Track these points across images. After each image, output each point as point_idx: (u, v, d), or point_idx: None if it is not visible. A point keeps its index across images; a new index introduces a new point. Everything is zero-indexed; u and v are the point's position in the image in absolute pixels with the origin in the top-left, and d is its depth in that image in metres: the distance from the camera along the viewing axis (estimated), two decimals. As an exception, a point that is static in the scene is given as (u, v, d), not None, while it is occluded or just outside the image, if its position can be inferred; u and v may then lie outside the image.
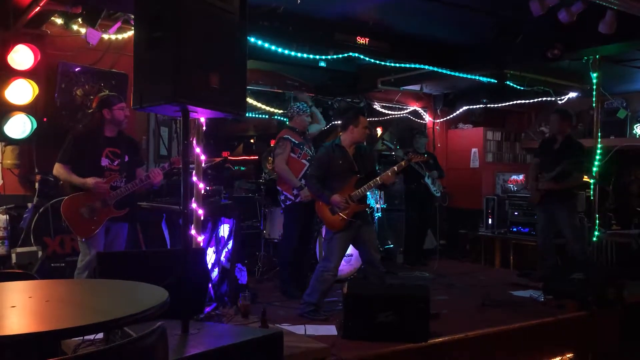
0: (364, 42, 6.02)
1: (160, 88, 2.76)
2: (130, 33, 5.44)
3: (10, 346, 1.60)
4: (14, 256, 4.71)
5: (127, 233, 4.46)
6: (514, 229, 7.45)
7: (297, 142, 5.43)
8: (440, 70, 6.78)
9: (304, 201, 5.31)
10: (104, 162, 4.24)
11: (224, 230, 4.89)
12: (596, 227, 6.29)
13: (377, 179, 4.62)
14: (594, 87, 6.40)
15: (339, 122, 5.02)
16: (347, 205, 4.52)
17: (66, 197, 4.14)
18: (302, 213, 5.39)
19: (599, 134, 6.41)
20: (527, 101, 8.48)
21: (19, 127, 4.84)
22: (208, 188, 4.80)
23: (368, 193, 4.78)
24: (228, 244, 4.90)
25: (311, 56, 6.12)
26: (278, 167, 5.36)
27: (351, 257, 5.99)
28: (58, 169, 4.21)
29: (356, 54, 6.08)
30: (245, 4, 3.07)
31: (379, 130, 9.97)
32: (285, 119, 8.38)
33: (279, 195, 5.52)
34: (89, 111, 5.16)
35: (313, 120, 5.76)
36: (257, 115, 8.66)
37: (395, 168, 4.64)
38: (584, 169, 5.89)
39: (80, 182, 4.13)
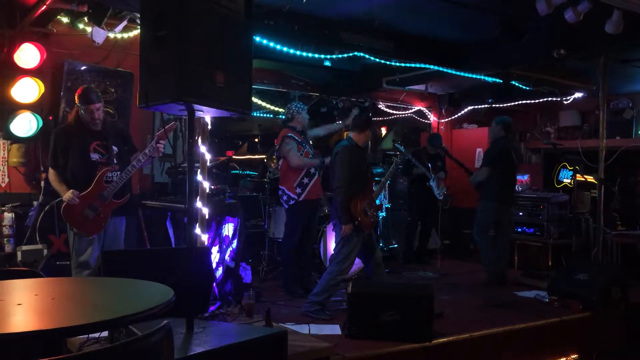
0: (369, 41, 6.01)
1: (165, 87, 2.76)
2: (136, 32, 5.45)
3: (17, 343, 1.61)
4: (19, 254, 4.74)
5: (125, 228, 4.38)
6: (519, 229, 7.42)
7: (299, 140, 5.44)
8: (445, 70, 6.76)
9: (307, 199, 5.33)
10: (94, 156, 4.14)
11: (228, 229, 4.90)
12: (601, 227, 6.26)
13: (385, 177, 4.77)
14: (600, 87, 6.38)
15: (352, 122, 5.02)
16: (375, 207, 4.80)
17: (63, 205, 4.06)
18: (305, 212, 5.40)
19: (605, 134, 6.38)
20: (533, 101, 8.45)
21: (25, 125, 4.86)
22: (213, 187, 4.81)
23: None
24: (232, 243, 4.91)
25: (316, 55, 6.12)
26: (295, 161, 5.34)
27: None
28: (49, 175, 4.18)
29: (361, 54, 6.07)
30: (250, 2, 3.07)
31: (384, 130, 9.97)
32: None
33: (281, 195, 5.51)
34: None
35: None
36: (261, 115, 8.68)
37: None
38: (485, 164, 6.19)
39: (60, 191, 4.10)
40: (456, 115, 9.15)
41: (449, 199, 7.56)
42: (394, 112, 8.89)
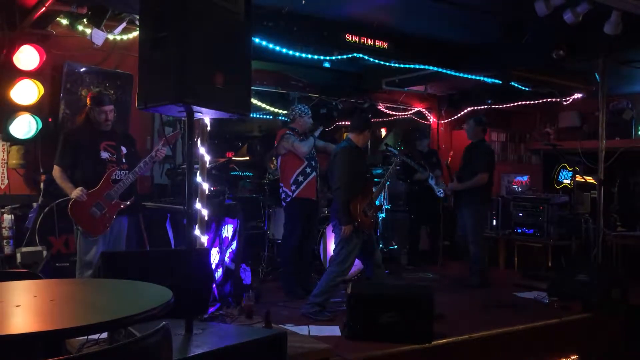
0: (368, 42, 6.01)
1: (164, 88, 2.76)
2: (135, 33, 5.45)
3: (15, 345, 1.61)
4: (18, 256, 4.73)
5: (127, 227, 4.44)
6: (519, 230, 7.42)
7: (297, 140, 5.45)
8: (444, 71, 6.76)
9: (301, 197, 5.35)
10: (104, 155, 4.25)
11: (227, 230, 4.90)
12: (601, 228, 6.25)
13: (384, 179, 4.90)
14: (599, 88, 6.37)
15: (351, 123, 5.03)
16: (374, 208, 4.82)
17: (70, 202, 4.13)
18: (303, 210, 5.41)
19: (604, 135, 6.37)
20: (532, 102, 8.44)
21: (24, 127, 4.86)
22: (212, 188, 4.81)
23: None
24: (232, 244, 4.91)
25: (316, 57, 6.12)
26: (302, 150, 5.36)
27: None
28: (54, 172, 4.25)
29: (360, 55, 6.07)
30: (250, 4, 3.07)
31: (383, 131, 9.97)
32: (288, 119, 8.39)
33: (280, 193, 5.56)
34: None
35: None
36: (261, 116, 8.68)
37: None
38: (485, 169, 6.08)
39: (67, 189, 4.16)
40: (456, 117, 9.15)
41: (451, 198, 7.54)
42: (394, 113, 8.89)
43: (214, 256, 4.69)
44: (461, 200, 6.21)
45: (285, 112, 8.22)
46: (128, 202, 4.28)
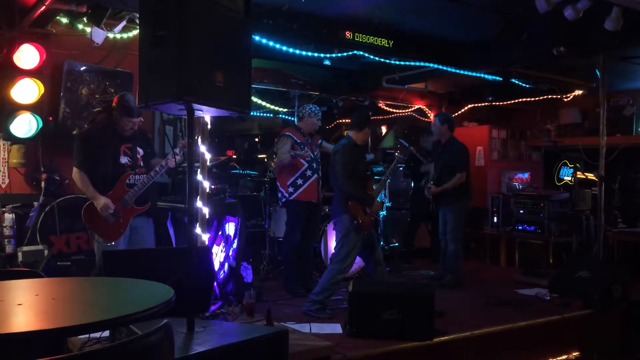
0: (368, 40, 6.01)
1: (165, 86, 2.76)
2: (135, 32, 5.45)
3: (17, 343, 1.61)
4: (20, 255, 4.73)
5: (153, 228, 4.31)
6: (520, 227, 7.42)
7: (299, 141, 5.44)
8: (445, 68, 6.75)
9: (299, 199, 5.36)
10: (123, 159, 4.13)
11: (230, 228, 4.90)
12: (602, 224, 6.25)
13: (385, 176, 4.96)
14: (600, 84, 6.36)
15: (351, 120, 5.02)
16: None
17: (84, 206, 4.01)
18: (301, 210, 5.41)
19: (605, 131, 6.36)
20: (533, 99, 8.43)
21: (25, 126, 4.85)
22: (213, 186, 4.81)
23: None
24: (233, 242, 4.91)
25: (315, 54, 6.12)
26: (278, 160, 5.42)
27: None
28: (74, 175, 4.06)
29: (360, 52, 6.07)
30: (249, 2, 3.07)
31: (384, 129, 9.97)
32: (288, 117, 8.41)
33: (278, 191, 5.57)
34: (95, 110, 5.17)
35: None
36: (261, 114, 8.69)
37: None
38: (464, 169, 6.01)
39: (89, 193, 4.00)
40: (456, 114, 9.13)
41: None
42: (394, 110, 8.89)
43: (218, 254, 4.69)
44: (442, 199, 6.08)
45: (285, 109, 8.23)
46: (143, 208, 4.17)
